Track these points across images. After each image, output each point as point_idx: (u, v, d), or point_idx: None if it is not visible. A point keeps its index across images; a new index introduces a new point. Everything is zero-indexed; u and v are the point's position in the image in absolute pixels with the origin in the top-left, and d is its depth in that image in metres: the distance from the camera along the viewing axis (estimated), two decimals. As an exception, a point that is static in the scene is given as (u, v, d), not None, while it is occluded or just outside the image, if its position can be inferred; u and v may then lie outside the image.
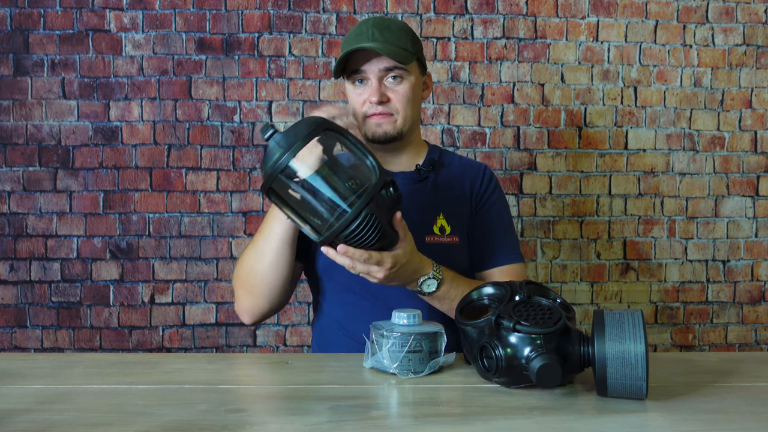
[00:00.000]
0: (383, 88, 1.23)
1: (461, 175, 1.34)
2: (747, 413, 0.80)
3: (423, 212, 1.27)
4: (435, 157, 1.34)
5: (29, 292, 1.98)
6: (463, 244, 1.28)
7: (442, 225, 1.27)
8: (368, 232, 0.95)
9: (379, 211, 0.96)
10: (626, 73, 2.06)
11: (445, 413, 0.79)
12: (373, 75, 1.22)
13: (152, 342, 2.00)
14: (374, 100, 1.21)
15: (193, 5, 1.98)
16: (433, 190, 1.31)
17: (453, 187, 1.32)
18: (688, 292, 2.09)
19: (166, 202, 1.99)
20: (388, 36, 1.22)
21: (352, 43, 1.21)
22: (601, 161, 2.06)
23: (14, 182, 1.97)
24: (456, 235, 1.27)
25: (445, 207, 1.29)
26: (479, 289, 1.02)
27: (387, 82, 1.23)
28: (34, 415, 0.77)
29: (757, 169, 2.09)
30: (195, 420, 0.75)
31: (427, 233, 1.25)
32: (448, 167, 1.35)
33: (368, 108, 1.24)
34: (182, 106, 1.99)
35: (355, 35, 1.23)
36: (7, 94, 1.96)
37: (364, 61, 1.22)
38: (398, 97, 1.23)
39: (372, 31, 1.22)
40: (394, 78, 1.23)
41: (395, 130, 1.25)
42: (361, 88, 1.25)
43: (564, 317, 0.85)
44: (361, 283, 1.21)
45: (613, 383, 0.80)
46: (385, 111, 1.23)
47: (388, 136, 1.25)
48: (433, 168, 1.31)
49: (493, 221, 1.33)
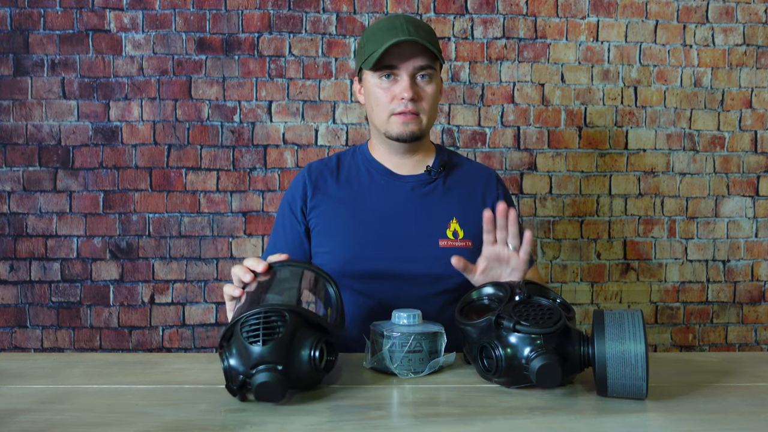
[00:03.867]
0: (414, 85, 1.21)
1: (471, 179, 1.33)
2: (747, 413, 0.79)
3: (436, 216, 1.27)
4: (444, 158, 1.33)
5: (29, 292, 1.98)
6: (476, 248, 1.25)
7: (455, 229, 1.26)
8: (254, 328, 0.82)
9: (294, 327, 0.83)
10: (626, 73, 2.06)
11: (445, 413, 0.79)
12: (407, 72, 1.20)
13: (152, 342, 2.00)
14: (407, 96, 1.19)
15: (193, 5, 1.98)
16: (444, 193, 1.30)
17: (463, 189, 1.31)
18: (688, 292, 2.09)
19: (166, 202, 1.99)
20: (422, 33, 1.20)
21: (388, 37, 1.18)
22: (601, 161, 2.06)
23: (14, 182, 1.97)
24: (469, 239, 1.26)
25: (458, 211, 1.28)
26: (479, 289, 1.02)
27: (417, 81, 1.22)
28: (34, 415, 0.77)
29: (757, 169, 2.09)
30: (195, 420, 0.75)
31: (441, 237, 1.25)
32: (457, 169, 1.34)
33: (396, 105, 1.21)
34: (182, 106, 1.99)
35: (388, 29, 1.20)
36: (7, 94, 1.96)
37: (398, 56, 1.19)
38: (427, 97, 1.23)
39: (407, 27, 1.19)
40: (423, 77, 1.22)
41: (420, 130, 1.24)
42: (388, 83, 1.22)
43: (564, 317, 0.85)
44: (360, 284, 1.23)
45: (613, 383, 0.80)
46: (414, 109, 1.21)
47: (414, 135, 1.24)
48: (443, 169, 1.31)
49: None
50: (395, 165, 1.31)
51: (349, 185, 1.30)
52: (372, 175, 1.31)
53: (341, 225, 1.26)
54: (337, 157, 1.36)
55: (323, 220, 1.28)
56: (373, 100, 1.25)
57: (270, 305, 0.84)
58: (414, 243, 1.23)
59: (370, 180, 1.31)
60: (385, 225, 1.25)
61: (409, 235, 1.24)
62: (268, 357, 0.79)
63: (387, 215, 1.26)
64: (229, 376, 0.80)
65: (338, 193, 1.30)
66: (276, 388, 0.77)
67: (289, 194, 1.34)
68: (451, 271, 1.21)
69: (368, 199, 1.28)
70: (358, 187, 1.30)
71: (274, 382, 0.77)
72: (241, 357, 0.80)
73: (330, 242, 1.26)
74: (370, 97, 1.25)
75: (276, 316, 0.82)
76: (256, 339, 0.80)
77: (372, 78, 1.24)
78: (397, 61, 1.20)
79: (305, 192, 1.30)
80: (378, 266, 1.22)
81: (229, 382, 0.80)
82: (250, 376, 0.78)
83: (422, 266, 1.22)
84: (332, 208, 1.28)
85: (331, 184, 1.31)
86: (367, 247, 1.23)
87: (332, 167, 1.33)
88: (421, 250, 1.23)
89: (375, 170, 1.31)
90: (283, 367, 0.79)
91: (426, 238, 1.24)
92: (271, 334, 0.80)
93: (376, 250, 1.23)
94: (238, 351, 0.80)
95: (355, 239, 1.24)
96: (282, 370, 0.78)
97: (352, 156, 1.36)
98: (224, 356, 0.81)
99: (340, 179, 1.31)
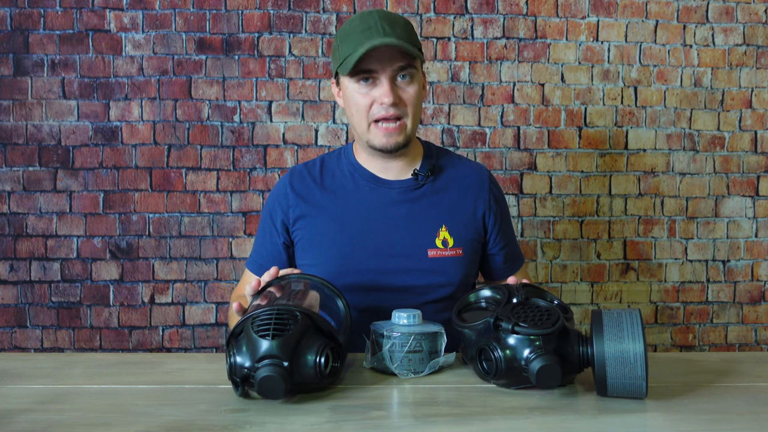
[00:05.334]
0: (395, 88, 1.15)
1: (462, 181, 1.27)
2: (747, 413, 0.80)
3: (424, 224, 1.22)
4: (433, 161, 1.27)
5: (29, 292, 1.98)
6: (466, 257, 1.23)
7: (444, 238, 1.21)
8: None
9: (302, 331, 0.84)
10: (626, 73, 2.06)
11: (444, 413, 0.79)
12: (386, 75, 1.14)
13: (152, 342, 2.00)
14: (388, 101, 1.13)
15: (193, 5, 1.98)
16: (433, 199, 1.24)
17: (453, 194, 1.26)
18: (688, 292, 2.09)
19: (166, 202, 1.99)
20: (398, 31, 1.13)
21: (362, 39, 1.11)
22: (601, 161, 2.06)
23: (14, 182, 1.97)
24: (459, 247, 1.22)
25: (447, 218, 1.23)
26: (476, 292, 1.02)
27: (397, 82, 1.16)
28: (34, 415, 0.77)
29: (757, 169, 2.09)
30: (195, 420, 0.75)
31: (429, 247, 1.20)
32: (446, 171, 1.28)
33: (377, 110, 1.16)
34: (182, 106, 1.99)
35: (362, 30, 1.13)
36: (7, 94, 1.96)
37: (375, 58, 1.12)
38: (409, 98, 1.16)
39: (381, 25, 1.12)
40: (403, 77, 1.15)
41: (405, 138, 1.18)
42: (367, 88, 1.16)
43: (562, 318, 0.85)
44: (347, 298, 1.21)
45: (613, 383, 0.80)
46: (396, 113, 1.15)
47: (398, 146, 1.18)
48: (431, 173, 1.25)
49: (507, 234, 1.32)
50: (380, 169, 1.25)
51: (333, 193, 1.25)
52: (357, 180, 1.26)
53: (326, 238, 1.21)
54: (322, 161, 1.30)
55: (308, 233, 1.23)
56: (353, 106, 1.18)
57: (283, 305, 0.85)
58: (402, 255, 1.19)
59: (355, 187, 1.25)
60: (372, 236, 1.20)
61: (396, 246, 1.20)
62: (275, 352, 0.79)
63: (373, 226, 1.21)
64: (233, 370, 0.80)
65: (322, 201, 1.24)
66: (279, 383, 0.77)
67: (271, 202, 1.29)
68: (441, 281, 1.20)
69: (354, 209, 1.23)
70: (343, 194, 1.25)
71: (278, 376, 0.77)
72: (248, 351, 0.80)
73: (315, 255, 1.22)
74: (349, 103, 1.19)
75: (288, 315, 0.83)
76: (266, 333, 0.80)
77: (350, 83, 1.17)
78: (375, 64, 1.13)
79: (287, 202, 1.26)
80: (366, 279, 1.18)
81: (234, 375, 0.81)
82: (255, 370, 0.79)
83: (411, 278, 1.19)
84: (316, 219, 1.23)
85: (315, 192, 1.25)
86: (354, 261, 1.19)
87: (315, 173, 1.28)
88: (410, 261, 1.19)
89: (360, 176, 1.26)
90: (289, 365, 0.79)
91: (415, 249, 1.20)
92: (282, 330, 0.81)
93: (364, 263, 1.19)
94: (246, 345, 0.81)
95: (341, 253, 1.20)
96: (287, 367, 0.79)
97: (338, 159, 1.30)
98: (231, 352, 0.81)
99: (325, 186, 1.26)
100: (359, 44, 1.11)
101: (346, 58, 1.14)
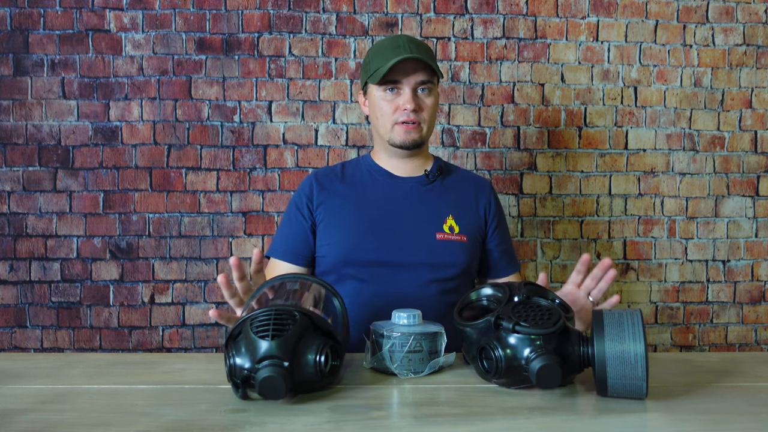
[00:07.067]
0: (415, 98, 1.34)
1: (466, 184, 1.46)
2: (747, 413, 0.79)
3: (433, 211, 1.38)
4: (441, 165, 1.46)
5: (29, 292, 1.98)
6: (470, 244, 1.38)
7: (451, 225, 1.37)
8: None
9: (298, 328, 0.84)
10: (626, 73, 2.06)
11: (445, 413, 0.79)
12: (409, 86, 1.33)
13: (152, 342, 2.00)
14: (410, 107, 1.33)
15: (193, 5, 1.98)
16: (441, 193, 1.42)
17: (459, 192, 1.44)
18: (688, 292, 2.09)
19: (166, 202, 1.99)
20: (423, 52, 1.34)
21: (392, 54, 1.31)
22: (601, 161, 2.06)
23: (14, 182, 1.97)
24: (464, 234, 1.37)
25: (453, 209, 1.39)
26: (478, 290, 1.02)
27: (418, 93, 1.35)
28: (34, 415, 0.77)
29: (757, 169, 2.09)
30: (195, 420, 0.75)
31: (437, 230, 1.36)
32: (453, 174, 1.47)
33: (400, 115, 1.35)
34: (182, 106, 1.99)
35: (392, 47, 1.33)
36: (7, 94, 1.96)
37: (401, 71, 1.33)
38: (427, 108, 1.36)
39: (408, 45, 1.34)
40: (423, 90, 1.35)
41: (421, 138, 1.37)
42: (392, 96, 1.35)
43: (563, 317, 0.85)
44: (361, 272, 1.31)
45: (613, 383, 0.80)
46: (415, 119, 1.34)
47: (415, 142, 1.37)
48: (440, 173, 1.43)
49: (504, 237, 1.47)
50: (396, 168, 1.43)
51: (353, 185, 1.43)
52: (374, 176, 1.44)
53: (345, 218, 1.37)
54: (342, 165, 1.49)
55: (328, 215, 1.38)
56: (378, 110, 1.38)
57: (281, 305, 0.86)
58: (412, 234, 1.34)
59: (372, 181, 1.43)
60: (386, 218, 1.36)
61: (408, 227, 1.35)
62: (275, 352, 0.79)
63: (388, 210, 1.37)
64: (233, 371, 0.80)
65: (343, 191, 1.41)
66: (280, 383, 0.77)
67: (296, 196, 1.45)
68: (447, 261, 1.34)
69: (371, 197, 1.40)
70: (362, 186, 1.42)
71: (279, 376, 0.77)
72: (247, 352, 0.80)
73: (334, 233, 1.36)
74: (375, 109, 1.39)
75: (286, 315, 0.84)
76: (265, 333, 0.80)
77: (377, 91, 1.37)
78: (400, 76, 1.33)
79: (312, 191, 1.42)
80: (378, 255, 1.31)
81: (234, 377, 0.80)
82: (255, 371, 0.79)
83: (420, 256, 1.32)
84: (337, 204, 1.39)
85: (337, 184, 1.43)
86: (369, 237, 1.33)
87: (337, 171, 1.46)
88: (419, 240, 1.34)
89: (377, 173, 1.44)
90: (289, 365, 0.79)
91: (424, 231, 1.35)
92: (281, 331, 0.81)
93: (377, 239, 1.33)
94: (246, 346, 0.81)
95: (357, 230, 1.34)
96: (287, 366, 0.79)
97: (357, 163, 1.48)
98: (230, 353, 0.81)
99: (345, 180, 1.44)
100: (389, 58, 1.32)
101: (376, 69, 1.34)
